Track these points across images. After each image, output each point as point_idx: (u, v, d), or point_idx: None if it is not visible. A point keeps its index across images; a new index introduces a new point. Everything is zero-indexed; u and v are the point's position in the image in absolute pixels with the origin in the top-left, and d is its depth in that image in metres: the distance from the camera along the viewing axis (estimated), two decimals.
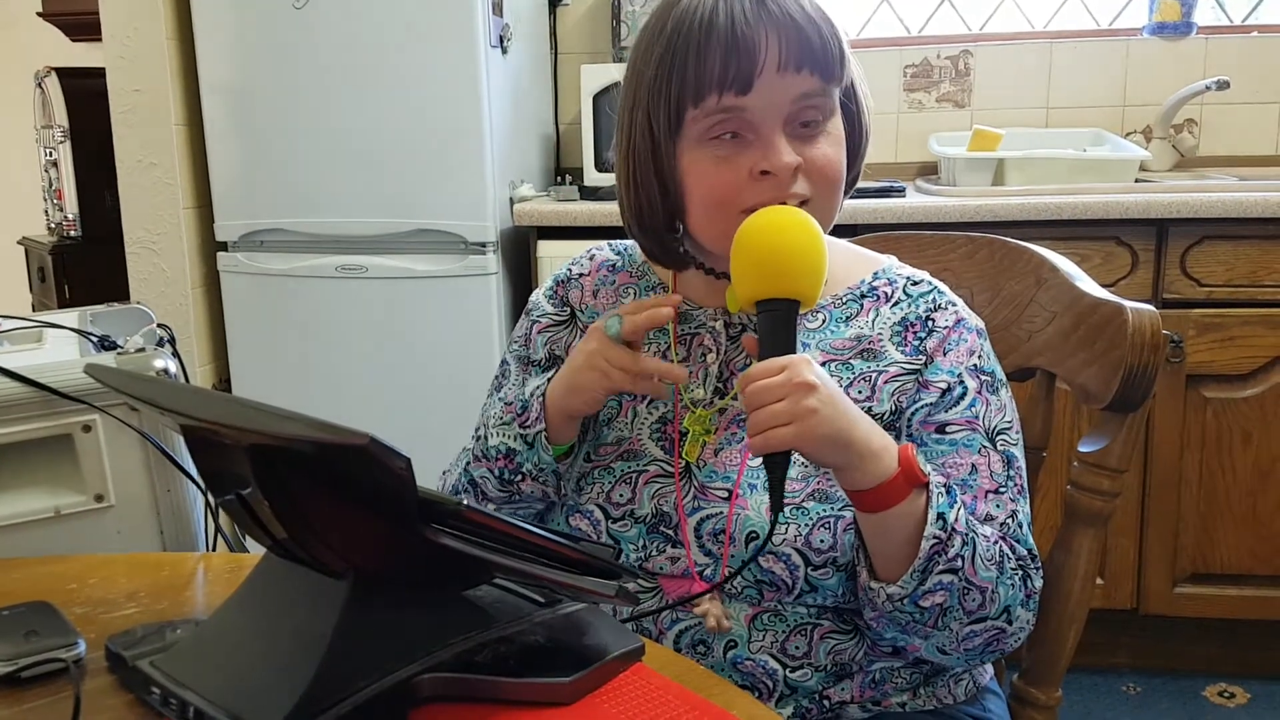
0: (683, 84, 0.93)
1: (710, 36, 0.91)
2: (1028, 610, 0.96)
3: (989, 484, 0.97)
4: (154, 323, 1.18)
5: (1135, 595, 2.30)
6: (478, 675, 0.69)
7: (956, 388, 0.98)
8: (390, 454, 0.57)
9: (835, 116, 0.97)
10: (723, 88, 0.92)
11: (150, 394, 0.74)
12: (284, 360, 2.52)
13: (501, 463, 1.02)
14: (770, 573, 0.95)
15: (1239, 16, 2.81)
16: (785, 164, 0.92)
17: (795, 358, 0.87)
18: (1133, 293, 2.17)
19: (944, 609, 0.90)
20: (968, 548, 0.89)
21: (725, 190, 0.94)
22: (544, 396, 1.00)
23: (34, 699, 0.73)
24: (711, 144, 0.94)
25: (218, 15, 2.42)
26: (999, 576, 0.92)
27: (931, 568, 0.88)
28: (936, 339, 1.00)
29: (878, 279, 1.05)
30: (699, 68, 0.92)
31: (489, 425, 1.05)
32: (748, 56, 0.91)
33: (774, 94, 0.92)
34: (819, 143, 0.95)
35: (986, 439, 0.98)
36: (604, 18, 2.86)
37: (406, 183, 2.37)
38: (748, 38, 0.91)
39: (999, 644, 0.95)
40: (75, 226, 3.09)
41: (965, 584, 0.90)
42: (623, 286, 1.11)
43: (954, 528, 0.88)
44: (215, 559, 1.01)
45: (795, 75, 0.92)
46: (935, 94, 2.81)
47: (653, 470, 1.01)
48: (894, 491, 0.87)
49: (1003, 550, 0.93)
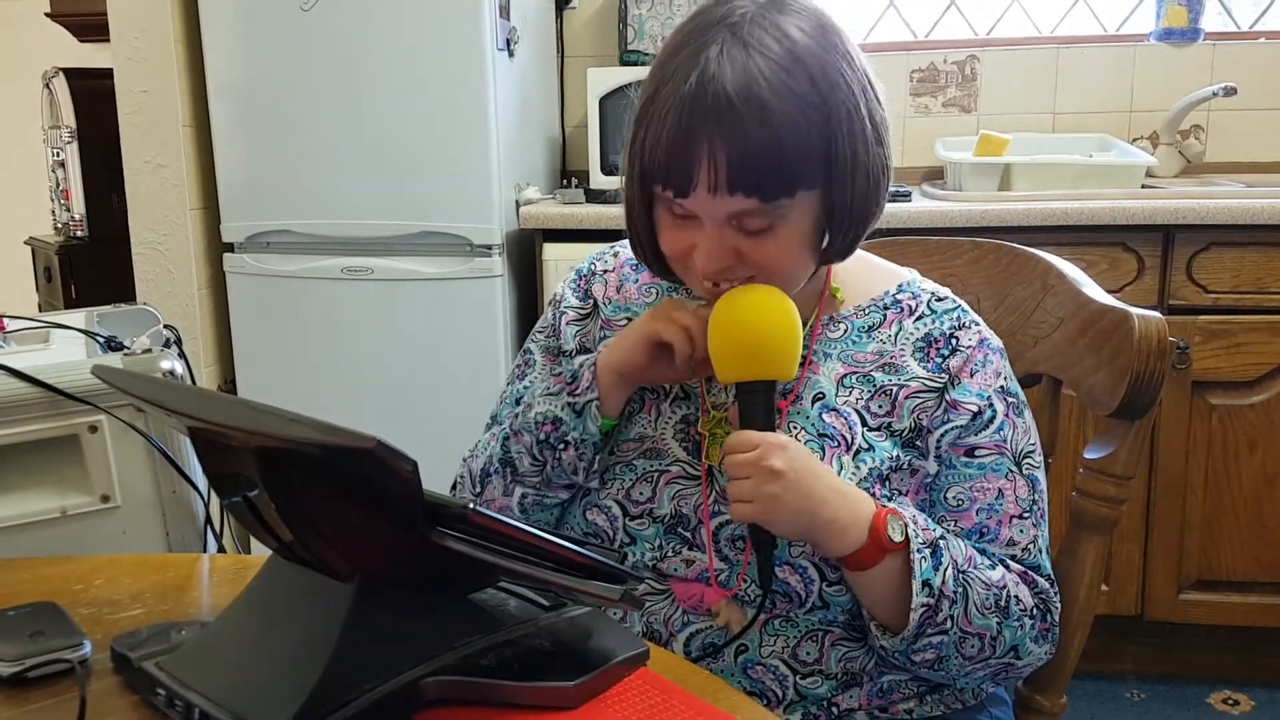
0: (643, 165, 0.94)
1: (664, 129, 0.90)
2: (1042, 644, 0.98)
3: (1014, 509, 0.99)
4: (160, 324, 1.18)
5: (1140, 602, 2.29)
6: (483, 679, 0.69)
7: (987, 411, 0.99)
8: (396, 457, 0.57)
9: (792, 215, 0.92)
10: (665, 184, 0.92)
11: (156, 395, 0.74)
12: (290, 362, 2.52)
13: (548, 429, 1.01)
14: (785, 584, 0.95)
15: (1246, 23, 2.81)
16: (710, 270, 0.93)
17: (769, 439, 0.90)
18: (1139, 299, 2.16)
19: (940, 658, 0.94)
20: (957, 606, 0.92)
21: (681, 253, 0.96)
22: (595, 366, 1.00)
23: (40, 699, 0.73)
24: (669, 209, 0.95)
25: (225, 17, 2.43)
26: (1002, 622, 0.94)
27: (922, 633, 0.92)
28: (960, 359, 1.00)
29: (902, 292, 1.05)
30: (652, 159, 0.92)
31: (534, 396, 1.04)
32: (682, 172, 0.90)
33: (709, 206, 0.91)
34: (763, 243, 0.93)
35: (1014, 463, 1.00)
36: (610, 21, 2.86)
37: (412, 185, 2.37)
38: (689, 150, 0.89)
39: (1008, 674, 0.98)
40: (82, 227, 3.10)
41: (960, 634, 0.93)
42: (645, 285, 1.12)
43: (941, 591, 0.91)
44: (221, 560, 1.01)
45: (729, 197, 0.89)
46: (942, 99, 2.81)
47: (674, 471, 1.01)
48: (866, 558, 0.91)
49: (1009, 594, 0.95)
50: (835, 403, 0.99)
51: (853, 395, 1.00)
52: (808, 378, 1.01)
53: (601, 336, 1.10)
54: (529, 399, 1.05)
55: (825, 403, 0.99)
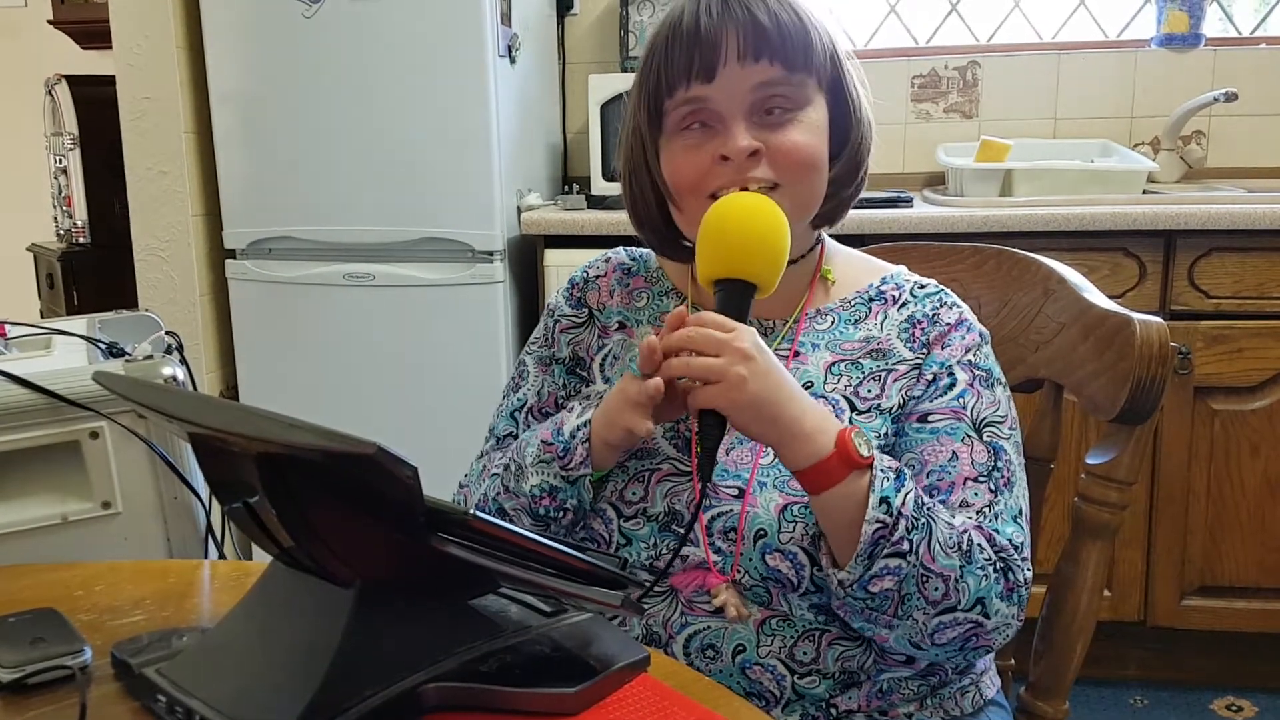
0: (658, 78, 0.99)
1: (678, 33, 0.98)
2: (1009, 604, 0.93)
3: (969, 471, 0.97)
4: (162, 330, 1.18)
5: (1143, 607, 2.29)
6: (483, 685, 0.69)
7: (944, 378, 1.00)
8: (397, 463, 0.57)
9: (810, 106, 0.99)
10: (689, 78, 0.97)
11: (158, 401, 0.75)
12: (291, 368, 2.53)
13: (545, 501, 1.01)
14: (776, 570, 0.96)
15: (1247, 28, 2.81)
16: (740, 148, 0.96)
17: (745, 327, 0.90)
18: (1140, 304, 2.16)
19: (901, 596, 0.89)
20: (919, 532, 0.88)
21: (692, 176, 0.99)
22: (588, 441, 0.99)
23: (40, 706, 0.73)
24: (683, 134, 1.00)
25: (227, 24, 2.43)
26: (965, 565, 0.90)
27: (877, 552, 0.88)
28: (937, 332, 1.02)
29: (885, 284, 1.07)
30: (668, 63, 0.98)
31: (526, 464, 1.02)
32: (710, 48, 0.96)
33: (735, 83, 0.97)
34: (787, 129, 0.98)
35: (972, 429, 0.98)
36: (612, 28, 2.87)
37: (414, 191, 2.38)
38: (710, 31, 0.96)
39: (978, 639, 0.93)
40: (84, 233, 3.11)
41: (922, 570, 0.89)
42: (636, 290, 1.13)
43: (900, 511, 0.88)
44: (221, 566, 1.01)
45: (755, 65, 0.96)
46: (943, 105, 2.81)
47: (665, 469, 1.02)
48: (830, 471, 0.88)
49: (971, 540, 0.91)
50: (823, 390, 1.01)
51: (841, 383, 1.01)
52: (795, 367, 1.02)
53: (600, 345, 1.11)
54: (520, 458, 1.03)
55: (814, 390, 1.01)
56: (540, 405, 1.13)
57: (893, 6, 2.92)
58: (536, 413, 1.13)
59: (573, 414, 1.02)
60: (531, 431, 1.07)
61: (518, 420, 1.13)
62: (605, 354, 1.11)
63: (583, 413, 1.01)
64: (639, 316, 1.11)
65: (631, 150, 1.05)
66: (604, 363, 1.11)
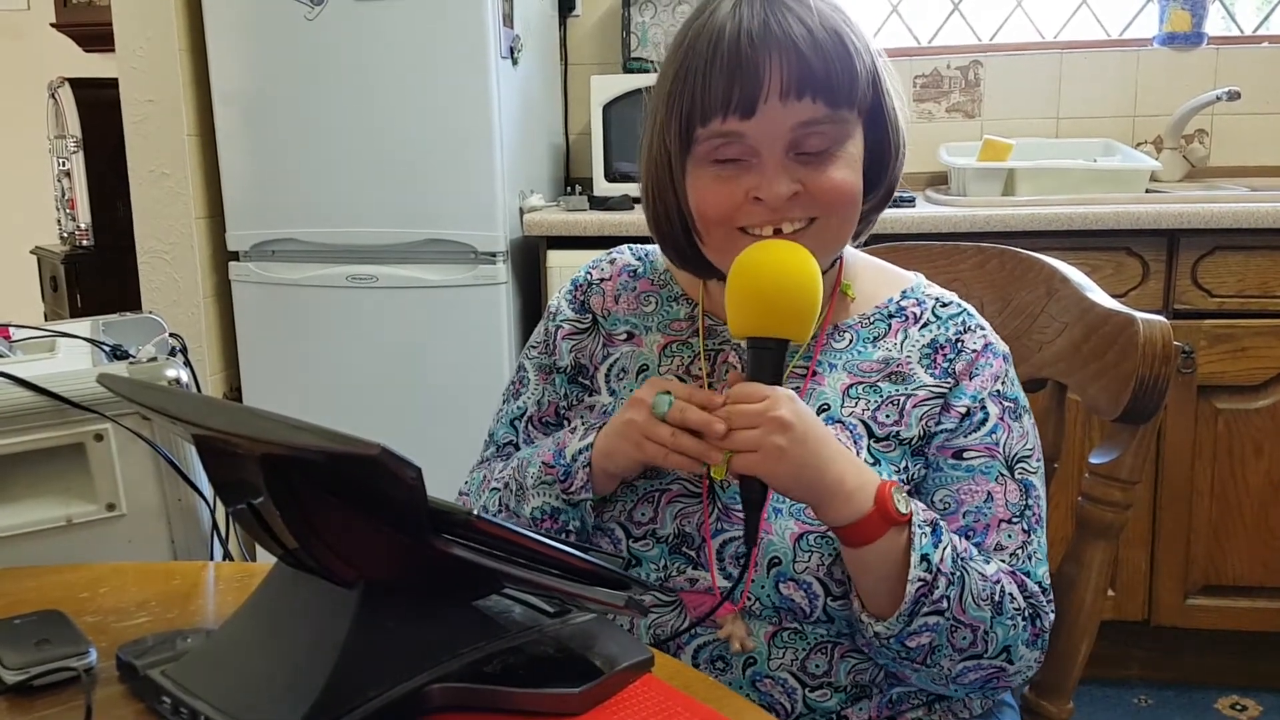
0: (691, 103, 0.93)
1: (716, 57, 0.91)
2: (1033, 650, 0.95)
3: (1003, 513, 0.97)
4: (166, 332, 1.18)
5: (1147, 607, 2.29)
6: (487, 685, 0.69)
7: (978, 413, 0.98)
8: (401, 464, 0.57)
9: (850, 140, 0.94)
10: (726, 111, 0.91)
11: (162, 403, 0.75)
12: (295, 369, 2.53)
13: (548, 523, 1.00)
14: (790, 600, 0.95)
15: (1249, 27, 2.81)
16: (778, 194, 0.91)
17: (780, 391, 0.88)
18: (1144, 303, 2.16)
19: (932, 647, 0.90)
20: (954, 587, 0.89)
21: (722, 209, 0.94)
22: (589, 465, 0.97)
23: (45, 708, 0.73)
24: (715, 165, 0.94)
25: (230, 26, 2.44)
26: (994, 617, 0.91)
27: (918, 610, 0.88)
28: (964, 362, 0.99)
29: (906, 298, 1.04)
30: (705, 89, 0.91)
31: (527, 484, 1.01)
32: (752, 80, 0.89)
33: (775, 122, 0.90)
34: (826, 167, 0.93)
35: (1005, 467, 0.97)
36: (614, 29, 2.87)
37: (417, 192, 2.38)
38: (751, 60, 0.89)
39: (999, 681, 0.94)
40: (88, 236, 3.11)
41: (953, 622, 0.90)
42: (644, 294, 1.09)
43: (939, 568, 0.88)
44: (226, 568, 1.01)
45: (797, 103, 0.90)
46: (945, 104, 2.81)
47: (675, 489, 1.00)
48: (869, 529, 0.88)
49: (1004, 590, 0.92)
50: (840, 414, 0.98)
51: (859, 406, 0.98)
52: (811, 389, 1.00)
53: (605, 355, 1.08)
54: (521, 478, 1.02)
55: (830, 414, 0.98)
56: (540, 415, 1.10)
57: (895, 6, 2.92)
58: (537, 422, 1.10)
59: (575, 435, 1.00)
60: (533, 448, 1.05)
61: (518, 429, 1.11)
62: (611, 365, 1.07)
63: (585, 434, 0.99)
64: (648, 324, 1.07)
65: (657, 166, 0.99)
66: (610, 374, 1.07)
